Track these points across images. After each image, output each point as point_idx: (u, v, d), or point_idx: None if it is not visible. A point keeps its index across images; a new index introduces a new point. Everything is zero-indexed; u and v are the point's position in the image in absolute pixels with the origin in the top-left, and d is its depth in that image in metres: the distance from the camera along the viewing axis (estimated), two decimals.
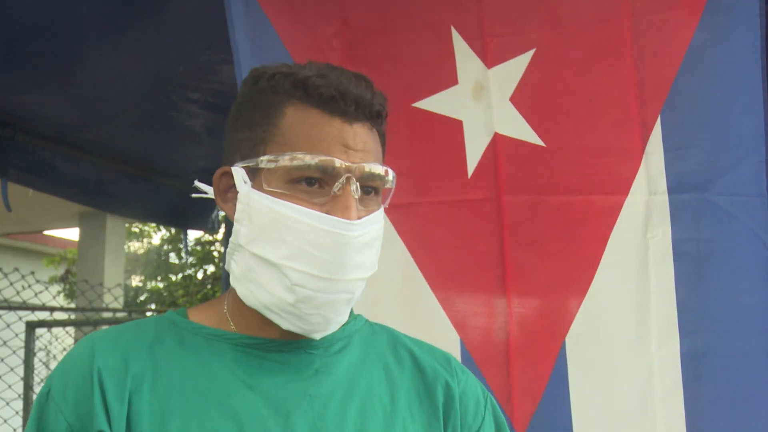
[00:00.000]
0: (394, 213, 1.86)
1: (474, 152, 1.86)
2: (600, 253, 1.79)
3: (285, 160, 1.06)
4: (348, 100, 1.07)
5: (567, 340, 1.79)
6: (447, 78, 1.88)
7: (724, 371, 1.70)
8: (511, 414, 1.79)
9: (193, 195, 1.22)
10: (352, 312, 1.21)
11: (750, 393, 1.69)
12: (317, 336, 1.11)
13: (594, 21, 1.82)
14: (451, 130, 1.87)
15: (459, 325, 1.85)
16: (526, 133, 1.84)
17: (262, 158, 1.07)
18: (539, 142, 1.83)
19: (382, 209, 1.13)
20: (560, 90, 1.84)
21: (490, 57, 1.86)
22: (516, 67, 1.84)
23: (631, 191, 1.78)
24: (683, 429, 1.70)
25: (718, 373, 1.70)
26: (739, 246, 1.71)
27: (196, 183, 1.20)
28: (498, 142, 1.85)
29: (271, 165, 1.06)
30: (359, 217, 1.07)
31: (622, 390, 1.75)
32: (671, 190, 1.76)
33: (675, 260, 1.74)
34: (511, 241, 1.83)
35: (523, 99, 1.84)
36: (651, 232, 1.76)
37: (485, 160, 1.85)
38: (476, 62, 1.87)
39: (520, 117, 1.84)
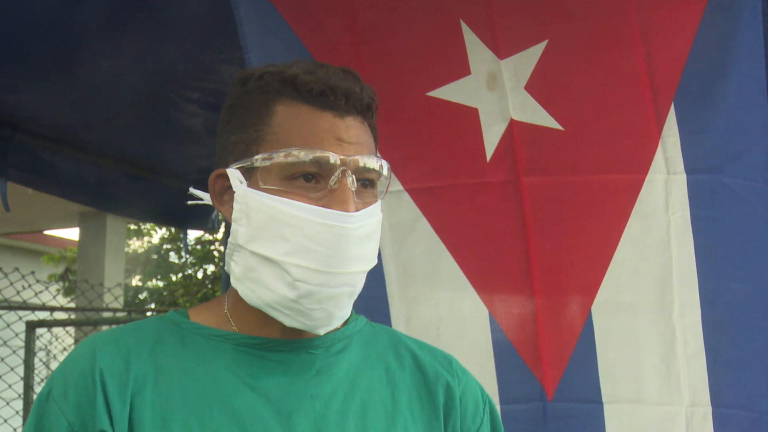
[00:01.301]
0: (419, 196, 1.94)
1: (491, 137, 1.92)
2: (622, 228, 1.86)
3: (280, 157, 1.06)
4: (338, 94, 1.08)
5: (593, 309, 1.85)
6: (459, 68, 1.93)
7: (743, 339, 1.78)
8: (542, 379, 1.87)
9: (189, 202, 1.23)
10: (353, 313, 1.21)
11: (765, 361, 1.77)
12: (321, 331, 1.11)
13: (602, 14, 1.88)
14: (467, 117, 1.93)
15: (488, 301, 1.92)
16: (543, 119, 1.90)
17: (256, 157, 1.07)
18: (557, 126, 1.89)
19: (379, 202, 1.13)
20: (574, 78, 1.91)
21: (502, 49, 1.92)
22: (529, 57, 1.91)
23: (650, 170, 1.85)
24: (706, 389, 1.77)
25: (737, 341, 1.78)
26: (750, 228, 1.79)
27: (191, 190, 1.20)
28: (514, 128, 1.91)
29: (266, 163, 1.07)
30: (357, 210, 1.07)
31: (646, 354, 1.83)
32: (689, 170, 1.83)
33: (694, 235, 1.81)
34: (533, 219, 1.90)
35: (538, 87, 1.91)
36: (672, 208, 1.83)
37: (503, 144, 1.91)
38: (487, 53, 1.92)
39: (536, 104, 1.90)
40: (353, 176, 1.07)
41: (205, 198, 1.19)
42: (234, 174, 1.10)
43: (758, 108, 1.79)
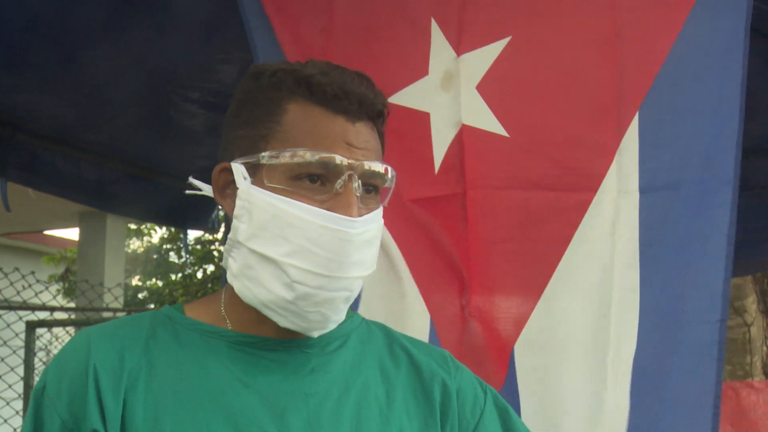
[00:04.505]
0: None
1: (440, 146, 1.78)
2: (560, 254, 1.67)
3: (287, 157, 1.06)
4: (352, 98, 1.08)
5: (516, 348, 1.68)
6: (419, 70, 1.80)
7: (668, 392, 1.59)
8: None
9: (187, 192, 1.22)
10: (349, 310, 1.21)
11: (702, 397, 1.57)
12: (315, 334, 1.11)
13: (575, 11, 1.74)
14: (419, 123, 1.79)
15: (436, 319, 1.77)
16: (491, 123, 1.73)
17: (263, 154, 1.07)
18: (503, 132, 1.73)
19: (381, 208, 1.13)
20: (532, 79, 1.74)
21: (463, 44, 1.77)
22: (487, 54, 1.75)
23: (600, 189, 1.67)
24: None
25: (661, 393, 1.59)
26: (707, 245, 1.61)
27: (191, 180, 1.20)
28: (464, 134, 1.75)
29: (273, 161, 1.06)
30: (360, 215, 1.07)
31: (571, 406, 1.63)
32: (643, 189, 1.66)
33: (641, 264, 1.64)
34: (474, 238, 1.74)
35: (489, 87, 1.74)
36: (618, 232, 1.65)
37: (451, 153, 1.77)
38: (448, 51, 1.78)
39: (485, 106, 1.74)
40: (359, 181, 1.07)
41: (204, 189, 1.18)
42: (238, 169, 1.09)
43: (731, 111, 1.61)
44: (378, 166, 1.09)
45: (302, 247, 1.05)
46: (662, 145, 1.66)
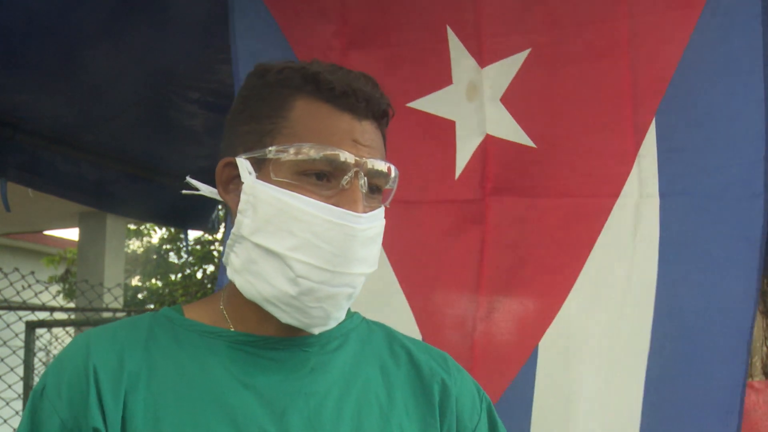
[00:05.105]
0: None
1: (464, 153, 1.82)
2: (585, 257, 1.71)
3: (294, 152, 1.06)
4: (359, 96, 1.08)
5: (540, 346, 1.71)
6: (441, 78, 1.85)
7: (685, 400, 1.60)
8: None
9: (184, 191, 1.22)
10: (349, 310, 1.21)
11: (719, 402, 1.59)
12: (316, 331, 1.10)
13: (591, 21, 1.77)
14: (444, 130, 1.84)
15: (423, 327, 1.79)
16: (516, 135, 1.79)
17: (270, 149, 1.07)
18: (530, 143, 1.78)
19: (383, 208, 1.13)
20: (553, 91, 1.79)
21: (485, 56, 1.82)
22: (509, 66, 1.80)
23: (622, 193, 1.71)
24: None
25: (679, 400, 1.60)
26: (726, 250, 1.62)
27: (188, 179, 1.20)
28: (488, 143, 1.81)
29: (280, 155, 1.06)
30: (364, 212, 1.08)
31: (583, 411, 1.65)
32: (662, 193, 1.69)
33: (660, 265, 1.66)
34: (492, 242, 1.78)
35: (514, 99, 1.80)
36: (639, 234, 1.68)
37: (474, 161, 1.82)
38: (470, 62, 1.83)
39: (510, 117, 1.79)
40: (365, 178, 1.07)
41: (202, 189, 1.19)
42: (243, 164, 1.09)
43: (747, 117, 1.62)
44: (382, 165, 1.10)
45: (308, 242, 1.05)
46: (678, 150, 1.68)
